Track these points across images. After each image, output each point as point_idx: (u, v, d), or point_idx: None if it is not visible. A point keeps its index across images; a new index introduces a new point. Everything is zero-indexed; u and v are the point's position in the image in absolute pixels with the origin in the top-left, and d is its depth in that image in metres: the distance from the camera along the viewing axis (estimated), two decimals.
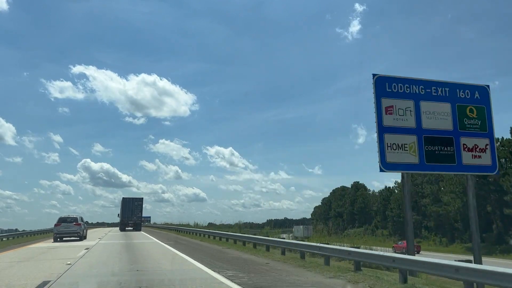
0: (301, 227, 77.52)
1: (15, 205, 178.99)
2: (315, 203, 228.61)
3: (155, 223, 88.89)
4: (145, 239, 28.97)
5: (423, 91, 14.55)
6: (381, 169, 13.25)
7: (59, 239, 26.82)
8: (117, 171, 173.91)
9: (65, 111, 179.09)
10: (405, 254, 10.96)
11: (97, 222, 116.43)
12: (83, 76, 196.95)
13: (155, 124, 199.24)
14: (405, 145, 13.71)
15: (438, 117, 14.45)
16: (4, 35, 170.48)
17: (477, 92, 15.24)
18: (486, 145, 14.73)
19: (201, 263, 12.12)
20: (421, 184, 70.78)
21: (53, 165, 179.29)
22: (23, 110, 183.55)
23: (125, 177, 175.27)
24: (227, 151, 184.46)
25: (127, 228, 49.66)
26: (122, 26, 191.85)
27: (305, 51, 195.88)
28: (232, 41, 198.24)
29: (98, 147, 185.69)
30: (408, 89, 14.35)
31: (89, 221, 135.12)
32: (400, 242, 48.35)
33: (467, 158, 14.40)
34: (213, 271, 10.43)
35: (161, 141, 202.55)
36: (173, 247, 18.77)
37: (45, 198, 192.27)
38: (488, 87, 15.50)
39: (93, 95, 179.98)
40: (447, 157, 14.16)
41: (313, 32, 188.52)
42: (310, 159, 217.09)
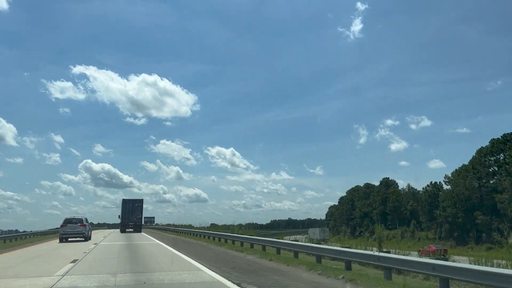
0: (318, 229, 76.74)
1: (16, 205, 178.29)
2: (316, 204, 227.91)
3: (157, 224, 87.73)
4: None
5: None
6: None
7: (64, 240, 27.32)
8: (118, 172, 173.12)
9: (66, 112, 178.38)
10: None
11: (98, 223, 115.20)
12: (84, 76, 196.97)
13: (156, 124, 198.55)
14: None
15: None
16: (4, 36, 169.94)
17: None
18: None
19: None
20: (498, 174, 61.39)
21: (54, 165, 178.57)
22: (24, 110, 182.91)
23: (126, 178, 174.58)
24: (228, 152, 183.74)
25: (127, 229, 49.63)
26: (122, 27, 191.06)
27: (306, 51, 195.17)
28: (233, 41, 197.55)
29: (99, 148, 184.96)
30: None
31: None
32: (426, 246, 45.48)
33: None
34: None
35: (162, 141, 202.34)
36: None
37: (46, 198, 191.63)
38: None
39: (94, 96, 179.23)
40: None
41: (315, 31, 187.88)
42: (311, 160, 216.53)
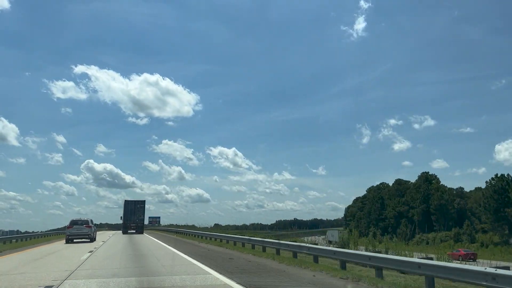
0: (336, 231, 76.02)
1: (19, 206, 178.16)
2: (319, 204, 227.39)
3: (159, 225, 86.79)
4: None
5: None
6: None
7: (70, 241, 27.83)
8: (120, 172, 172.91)
9: (68, 111, 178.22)
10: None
11: (100, 223, 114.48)
12: (85, 76, 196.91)
13: (158, 124, 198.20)
14: None
15: None
16: (6, 36, 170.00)
17: None
18: None
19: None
20: None
21: (56, 166, 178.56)
22: (26, 110, 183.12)
23: (128, 178, 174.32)
24: (230, 152, 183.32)
25: (129, 231, 49.32)
26: (124, 27, 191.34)
27: (309, 50, 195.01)
28: (235, 41, 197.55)
29: (101, 148, 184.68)
30: None
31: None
32: (456, 249, 43.21)
33: None
34: None
35: (164, 141, 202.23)
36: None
37: (49, 199, 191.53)
38: None
39: (96, 95, 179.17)
40: None
41: (317, 31, 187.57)
42: (314, 160, 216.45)
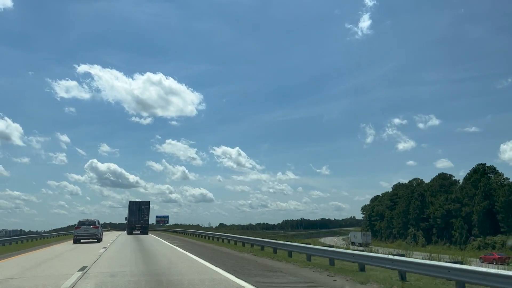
0: (360, 233, 74.68)
1: (24, 205, 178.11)
2: (323, 204, 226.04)
3: (167, 224, 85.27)
4: None
5: None
6: None
7: (77, 241, 28.14)
8: (124, 172, 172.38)
9: (72, 111, 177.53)
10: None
11: (104, 222, 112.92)
12: (88, 75, 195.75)
13: (162, 124, 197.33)
14: None
15: None
16: (9, 35, 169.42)
17: None
18: None
19: None
20: None
21: (60, 165, 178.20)
22: (29, 110, 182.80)
23: (132, 178, 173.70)
24: (234, 151, 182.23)
25: (134, 231, 48.97)
26: (128, 27, 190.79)
27: (313, 50, 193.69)
28: (238, 41, 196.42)
29: (105, 147, 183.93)
30: None
31: None
32: (489, 253, 42.07)
33: None
34: None
35: (167, 141, 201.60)
36: None
37: (53, 198, 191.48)
38: None
39: (99, 95, 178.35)
40: None
41: (321, 29, 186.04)
42: (317, 159, 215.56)
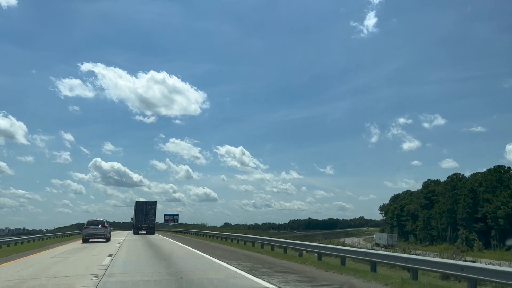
0: (385, 234, 73.43)
1: (28, 204, 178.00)
2: (326, 204, 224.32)
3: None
4: None
5: None
6: None
7: (86, 241, 28.39)
8: (128, 171, 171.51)
9: (76, 109, 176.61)
10: None
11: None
12: (92, 74, 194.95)
13: (166, 122, 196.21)
14: None
15: None
16: (13, 34, 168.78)
17: None
18: None
19: None
20: None
21: (64, 164, 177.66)
22: (33, 108, 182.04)
23: (136, 177, 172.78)
24: (237, 150, 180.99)
25: (140, 232, 48.35)
26: (131, 26, 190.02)
27: (317, 48, 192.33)
28: (242, 40, 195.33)
29: (108, 146, 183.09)
30: None
31: None
32: None
33: None
34: None
35: (171, 140, 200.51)
36: None
37: (57, 197, 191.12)
38: None
39: (103, 93, 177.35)
40: None
41: (326, 28, 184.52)
42: (321, 159, 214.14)
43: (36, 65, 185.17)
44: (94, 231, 28.61)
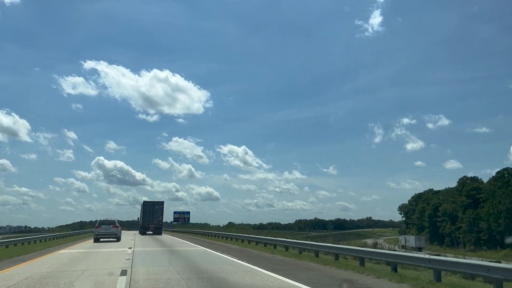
0: (413, 237, 71.60)
1: (31, 201, 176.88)
2: (329, 204, 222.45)
3: (172, 223, 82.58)
4: None
5: None
6: None
7: (97, 240, 28.72)
8: (130, 169, 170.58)
9: (79, 108, 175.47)
10: None
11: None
12: (95, 71, 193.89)
13: (168, 121, 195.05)
14: None
15: None
16: (16, 32, 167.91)
17: None
18: None
19: None
20: None
21: (67, 162, 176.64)
22: (36, 106, 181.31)
23: (138, 175, 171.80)
24: (240, 150, 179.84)
25: (147, 232, 47.88)
26: (134, 26, 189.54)
27: (321, 48, 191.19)
28: (245, 40, 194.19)
29: (111, 145, 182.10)
30: None
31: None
32: None
33: None
34: None
35: (174, 139, 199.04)
36: None
37: (60, 195, 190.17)
38: None
39: (106, 92, 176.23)
40: None
41: (330, 27, 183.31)
42: (324, 159, 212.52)
43: (39, 63, 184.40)
44: (105, 231, 28.99)
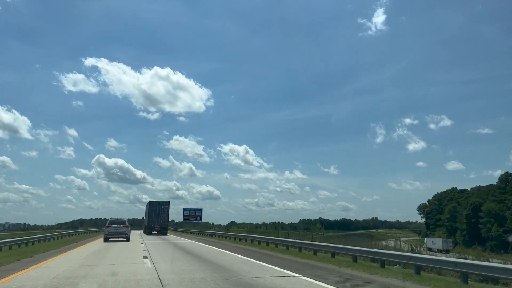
0: (440, 239, 70.02)
1: (32, 199, 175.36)
2: (330, 204, 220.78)
3: (175, 222, 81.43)
4: None
5: None
6: None
7: (107, 240, 29.04)
8: (131, 167, 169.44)
9: (79, 105, 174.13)
10: None
11: (110, 218, 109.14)
12: (96, 69, 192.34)
13: (169, 119, 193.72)
14: None
15: None
16: (17, 29, 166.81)
17: None
18: None
19: None
20: None
21: (68, 160, 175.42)
22: (37, 102, 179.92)
23: (139, 174, 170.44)
24: (241, 149, 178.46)
25: (153, 232, 47.60)
26: (136, 24, 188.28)
27: (323, 47, 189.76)
28: (247, 39, 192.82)
29: (112, 143, 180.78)
30: None
31: (103, 217, 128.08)
32: None
33: None
34: None
35: (175, 137, 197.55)
36: None
37: (61, 193, 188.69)
38: None
39: (106, 89, 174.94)
40: None
41: (333, 26, 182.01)
42: (326, 159, 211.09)
43: (39, 60, 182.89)
44: (115, 230, 29.26)
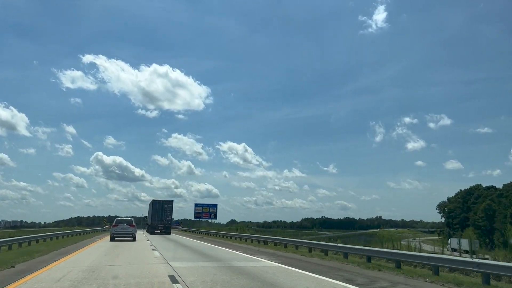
0: (465, 240, 69.08)
1: (30, 196, 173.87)
2: (328, 203, 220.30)
3: (177, 222, 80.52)
4: None
5: None
6: None
7: (113, 239, 29.03)
8: (129, 165, 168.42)
9: (78, 102, 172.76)
10: None
11: (109, 215, 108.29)
12: (94, 66, 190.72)
13: (168, 117, 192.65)
14: None
15: None
16: (15, 26, 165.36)
17: None
18: None
19: None
20: None
21: (66, 157, 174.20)
22: (34, 99, 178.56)
23: (137, 171, 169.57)
24: (240, 147, 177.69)
25: (156, 231, 47.53)
26: (136, 22, 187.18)
27: (323, 47, 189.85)
28: (248, 38, 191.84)
29: (110, 140, 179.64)
30: None
31: (101, 215, 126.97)
32: None
33: None
34: None
35: (173, 135, 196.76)
36: None
37: (59, 190, 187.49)
38: None
39: (105, 86, 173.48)
40: None
41: (333, 24, 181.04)
42: (325, 158, 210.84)
43: (37, 57, 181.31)
44: (122, 230, 29.23)
